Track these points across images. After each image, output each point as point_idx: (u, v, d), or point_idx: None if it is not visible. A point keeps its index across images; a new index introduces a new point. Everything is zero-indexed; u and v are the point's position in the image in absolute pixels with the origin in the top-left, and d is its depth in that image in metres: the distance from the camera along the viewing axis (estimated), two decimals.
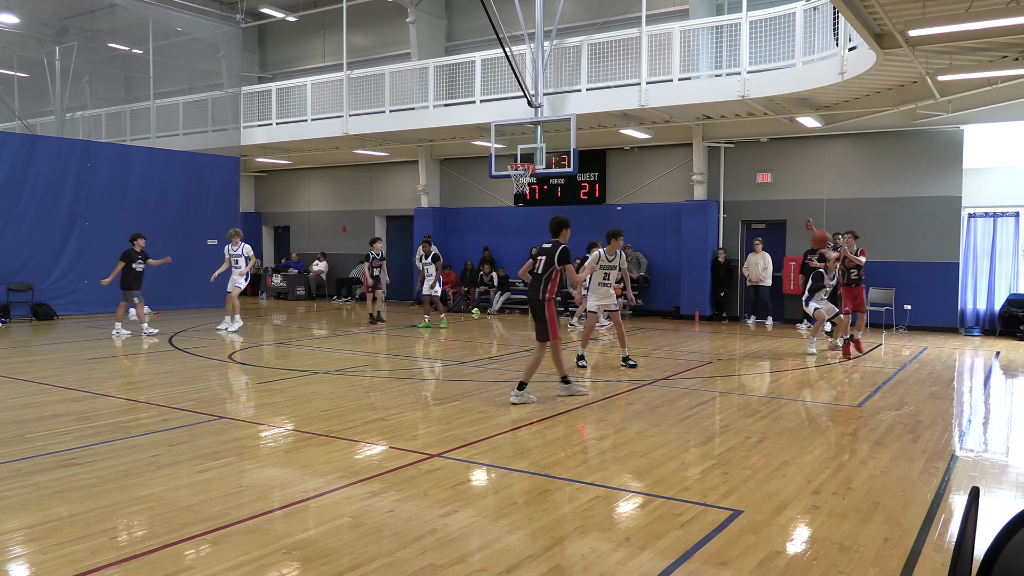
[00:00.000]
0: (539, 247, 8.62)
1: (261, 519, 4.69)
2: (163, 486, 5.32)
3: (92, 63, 22.72)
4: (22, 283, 16.97)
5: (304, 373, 10.26)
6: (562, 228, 8.51)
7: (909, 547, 4.32)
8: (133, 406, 8.04)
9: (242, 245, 14.80)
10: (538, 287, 8.35)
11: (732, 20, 14.71)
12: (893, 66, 11.55)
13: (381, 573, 3.92)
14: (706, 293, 17.65)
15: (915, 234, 15.73)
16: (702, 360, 11.70)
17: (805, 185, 17.03)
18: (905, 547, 4.32)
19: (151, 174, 19.34)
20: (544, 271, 8.34)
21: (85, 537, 4.36)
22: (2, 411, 7.71)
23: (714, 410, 8.08)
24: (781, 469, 5.81)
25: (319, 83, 20.39)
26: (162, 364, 11.06)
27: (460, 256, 21.26)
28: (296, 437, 6.79)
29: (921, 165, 15.73)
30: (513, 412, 7.80)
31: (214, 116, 21.93)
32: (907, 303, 15.68)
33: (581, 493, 5.23)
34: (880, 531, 4.55)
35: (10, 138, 17.51)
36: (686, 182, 18.21)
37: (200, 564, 4.02)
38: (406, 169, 23.02)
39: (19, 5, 20.19)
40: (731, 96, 14.41)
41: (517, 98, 16.27)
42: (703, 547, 4.27)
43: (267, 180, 26.85)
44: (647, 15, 15.22)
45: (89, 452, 6.18)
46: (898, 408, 8.12)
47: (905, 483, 5.51)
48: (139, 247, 14.35)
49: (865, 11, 9.29)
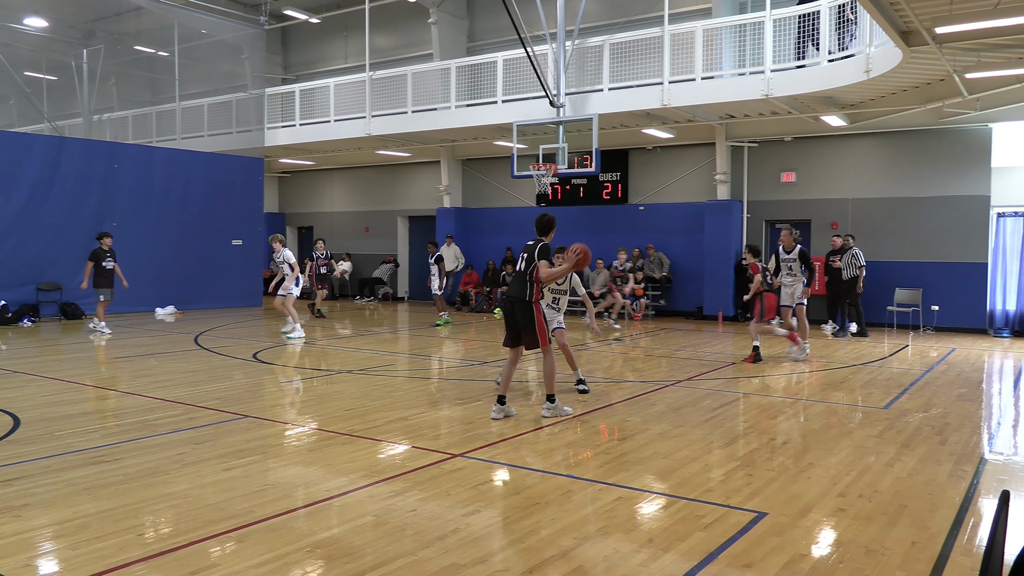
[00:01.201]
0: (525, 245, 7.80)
1: (285, 517, 4.72)
2: (189, 484, 5.37)
3: (118, 66, 22.99)
4: (51, 283, 17.22)
5: (327, 372, 10.33)
6: (552, 227, 7.73)
7: (937, 551, 4.27)
8: (159, 404, 8.13)
9: (283, 251, 14.51)
10: (524, 287, 7.45)
11: (756, 18, 14.60)
12: (919, 64, 11.41)
13: (404, 572, 3.93)
14: (729, 293, 17.53)
15: (942, 234, 15.52)
16: (725, 361, 11.63)
17: (830, 184, 16.87)
18: (933, 551, 4.27)
19: (176, 175, 19.56)
20: (527, 268, 7.49)
21: (113, 533, 4.42)
22: (32, 409, 7.83)
23: (738, 411, 8.02)
24: (806, 471, 5.76)
25: (342, 84, 20.50)
26: (188, 363, 11.17)
27: (482, 256, 21.28)
28: (319, 436, 6.84)
29: (948, 164, 15.52)
30: (535, 413, 7.78)
31: (238, 117, 22.14)
32: (934, 304, 15.47)
33: (603, 494, 5.22)
34: (907, 534, 4.50)
35: (39, 140, 17.77)
36: (709, 182, 18.10)
37: (225, 561, 4.05)
38: (428, 169, 23.09)
39: (48, 9, 20.49)
40: (755, 95, 14.30)
41: (539, 98, 16.27)
42: (727, 549, 4.25)
43: (290, 181, 27.04)
44: (669, 14, 15.15)
45: (116, 450, 6.26)
46: (926, 410, 8.02)
47: (933, 486, 5.44)
48: (106, 245, 14.86)
49: (891, 8, 9.18)
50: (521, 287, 7.48)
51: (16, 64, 20.50)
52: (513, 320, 7.56)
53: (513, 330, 7.60)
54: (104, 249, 14.82)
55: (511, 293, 7.58)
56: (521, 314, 7.46)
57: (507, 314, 7.69)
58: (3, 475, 5.54)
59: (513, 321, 7.56)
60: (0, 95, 23.30)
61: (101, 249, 14.80)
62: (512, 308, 7.54)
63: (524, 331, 7.46)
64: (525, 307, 7.44)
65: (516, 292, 7.51)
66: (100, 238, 15.00)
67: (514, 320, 7.54)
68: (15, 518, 4.66)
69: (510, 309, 7.59)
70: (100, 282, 14.75)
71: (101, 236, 15.03)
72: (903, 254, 15.69)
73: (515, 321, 7.53)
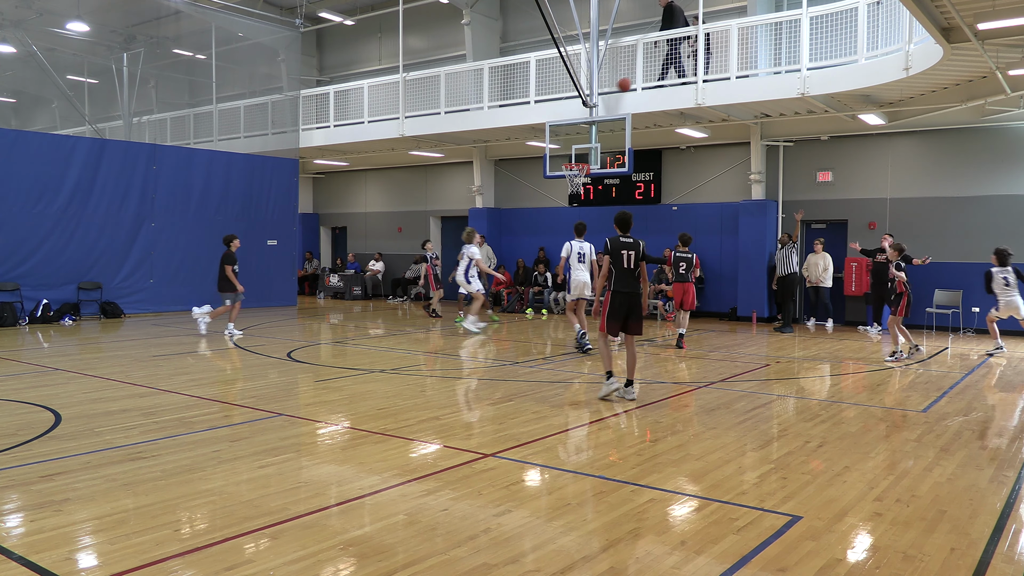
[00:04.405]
0: (617, 242, 8.36)
1: (318, 515, 4.77)
2: (224, 481, 5.45)
3: (158, 69, 23.40)
4: (92, 282, 17.57)
5: (360, 371, 10.41)
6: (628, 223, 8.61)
7: (977, 558, 4.18)
8: (196, 402, 8.25)
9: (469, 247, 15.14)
10: (636, 283, 8.40)
11: (792, 16, 14.42)
12: (961, 61, 11.18)
13: (435, 571, 3.95)
14: (764, 294, 17.34)
15: (983, 234, 15.19)
16: (759, 363, 11.51)
17: (867, 184, 16.61)
18: (973, 557, 4.18)
19: (214, 176, 19.84)
20: (635, 267, 8.39)
21: (150, 529, 4.49)
22: (73, 406, 8.00)
23: (772, 413, 7.93)
24: (842, 475, 5.68)
25: (376, 85, 20.65)
26: (224, 361, 11.33)
27: (513, 256, 21.30)
28: (352, 435, 6.89)
29: (990, 163, 15.19)
30: (566, 414, 7.78)
31: (274, 119, 22.42)
32: (975, 306, 15.16)
33: (635, 495, 5.19)
34: (946, 541, 4.41)
35: (81, 142, 18.14)
36: (743, 181, 17.92)
37: (260, 558, 4.10)
38: (461, 170, 23.16)
39: (90, 14, 20.90)
40: (790, 94, 14.13)
41: (572, 98, 16.22)
42: (760, 553, 4.20)
43: (325, 181, 27.30)
44: (704, 13, 15.01)
45: (154, 446, 6.37)
46: (965, 414, 7.86)
47: (973, 491, 5.33)
48: (236, 247, 14.35)
49: (931, 5, 9.01)
50: (635, 284, 8.40)
51: (59, 68, 20.99)
52: (626, 311, 8.35)
53: (620, 320, 8.38)
54: (233, 251, 14.26)
55: (628, 290, 8.36)
56: (636, 307, 8.36)
57: (620, 306, 8.36)
58: (45, 470, 5.67)
59: (625, 312, 8.35)
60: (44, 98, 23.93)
61: (231, 251, 14.19)
62: (629, 302, 8.34)
63: (635, 320, 8.38)
64: (639, 301, 8.40)
65: (632, 288, 8.37)
66: (230, 241, 14.36)
67: (626, 312, 8.35)
68: (56, 512, 4.77)
69: (626, 303, 8.33)
70: (227, 286, 14.09)
71: (231, 239, 14.40)
72: (943, 255, 15.38)
73: (627, 313, 8.35)
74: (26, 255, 16.57)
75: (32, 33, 19.98)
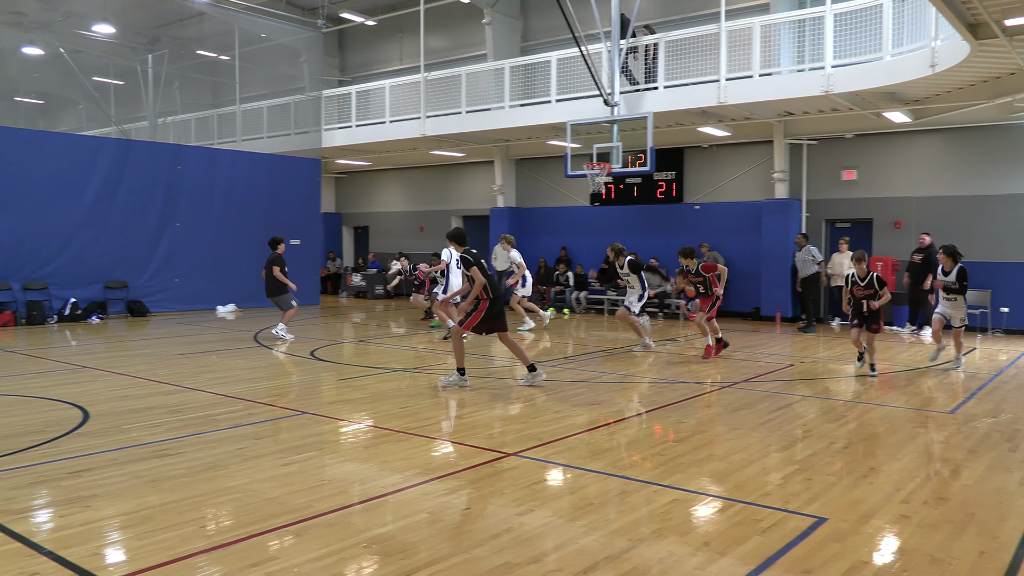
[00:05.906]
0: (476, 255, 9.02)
1: (341, 513, 4.79)
2: (249, 478, 5.49)
3: (182, 70, 23.61)
4: (118, 281, 17.79)
5: (383, 370, 10.45)
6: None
7: (1007, 562, 4.11)
8: (220, 400, 8.33)
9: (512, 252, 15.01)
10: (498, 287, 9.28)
11: (815, 13, 14.29)
12: (988, 57, 11.02)
13: (457, 570, 3.95)
14: (787, 294, 17.20)
15: (1012, 233, 14.97)
16: (783, 363, 11.42)
17: (893, 182, 16.42)
18: (1002, 561, 4.12)
19: (237, 176, 20.02)
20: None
21: (176, 525, 4.54)
22: (100, 403, 8.10)
23: (796, 414, 7.87)
24: (868, 476, 5.62)
25: (397, 85, 20.72)
26: (247, 360, 11.42)
27: (535, 255, 21.26)
28: (375, 433, 6.92)
29: (1018, 160, 14.96)
30: (589, 412, 7.76)
31: (296, 119, 22.57)
32: (1004, 306, 14.94)
33: (658, 496, 5.17)
34: (975, 544, 4.35)
35: (107, 143, 18.37)
36: (766, 180, 17.79)
37: (284, 555, 4.13)
38: (482, 169, 23.19)
39: (115, 15, 21.14)
40: (814, 92, 14.00)
41: (593, 97, 16.18)
42: (785, 554, 4.16)
43: (347, 181, 27.44)
44: (726, 10, 14.92)
45: (179, 444, 6.43)
46: (994, 415, 7.75)
47: (1002, 494, 5.25)
48: (281, 250, 14.00)
49: (958, 0, 8.89)
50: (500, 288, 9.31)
51: (85, 70, 21.22)
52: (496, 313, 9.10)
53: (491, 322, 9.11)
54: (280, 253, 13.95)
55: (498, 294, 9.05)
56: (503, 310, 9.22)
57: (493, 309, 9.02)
58: (73, 466, 5.74)
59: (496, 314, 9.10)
60: (70, 100, 24.18)
61: (278, 254, 13.90)
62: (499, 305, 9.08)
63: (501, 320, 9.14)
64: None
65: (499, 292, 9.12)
66: (276, 244, 14.04)
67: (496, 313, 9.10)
68: (84, 508, 4.83)
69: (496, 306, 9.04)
70: (276, 289, 13.79)
71: (278, 241, 14.10)
72: (970, 254, 15.13)
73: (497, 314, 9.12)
74: (53, 254, 16.81)
75: (58, 35, 20.22)
